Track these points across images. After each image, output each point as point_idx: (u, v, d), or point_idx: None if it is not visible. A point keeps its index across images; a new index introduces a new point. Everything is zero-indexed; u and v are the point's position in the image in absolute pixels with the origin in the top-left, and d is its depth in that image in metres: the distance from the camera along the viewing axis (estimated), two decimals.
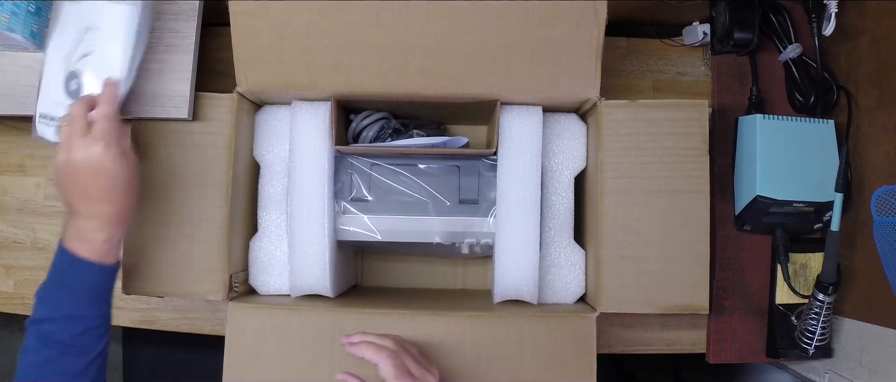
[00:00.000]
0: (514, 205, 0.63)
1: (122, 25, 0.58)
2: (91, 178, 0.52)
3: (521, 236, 0.63)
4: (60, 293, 0.53)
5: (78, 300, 0.53)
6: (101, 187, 0.53)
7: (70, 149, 0.53)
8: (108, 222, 0.53)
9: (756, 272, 0.73)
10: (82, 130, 0.53)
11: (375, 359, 0.54)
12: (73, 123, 0.54)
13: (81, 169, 0.52)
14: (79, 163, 0.52)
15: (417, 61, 0.61)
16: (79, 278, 0.53)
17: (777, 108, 0.73)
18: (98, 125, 0.53)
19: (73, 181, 0.53)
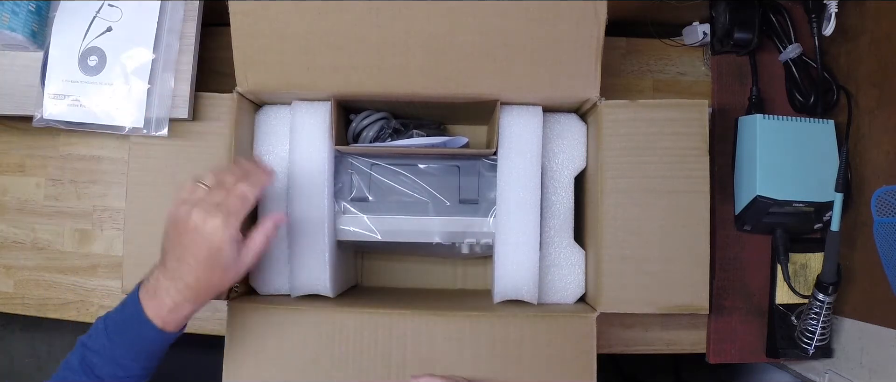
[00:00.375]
0: (514, 205, 0.63)
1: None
2: (194, 244, 0.51)
3: (521, 236, 0.63)
4: (116, 337, 0.52)
5: (128, 351, 0.52)
6: (197, 257, 0.51)
7: (194, 205, 0.51)
8: (187, 294, 0.52)
9: (756, 272, 0.73)
10: (221, 196, 0.52)
11: None
12: (218, 186, 0.53)
13: (190, 230, 0.51)
14: (192, 223, 0.51)
15: (417, 61, 0.61)
16: (138, 334, 0.52)
17: (777, 108, 0.73)
18: (231, 200, 0.52)
19: (177, 236, 0.52)
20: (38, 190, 0.77)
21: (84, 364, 0.52)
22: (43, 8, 0.63)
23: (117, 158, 0.76)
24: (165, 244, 0.53)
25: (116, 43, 0.61)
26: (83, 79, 0.61)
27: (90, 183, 0.76)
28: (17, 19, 0.60)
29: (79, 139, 0.76)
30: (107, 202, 0.76)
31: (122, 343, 0.52)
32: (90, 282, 0.76)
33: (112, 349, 0.52)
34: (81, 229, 0.76)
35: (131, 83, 0.61)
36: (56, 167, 0.76)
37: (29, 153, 0.77)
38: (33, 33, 0.62)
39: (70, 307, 0.76)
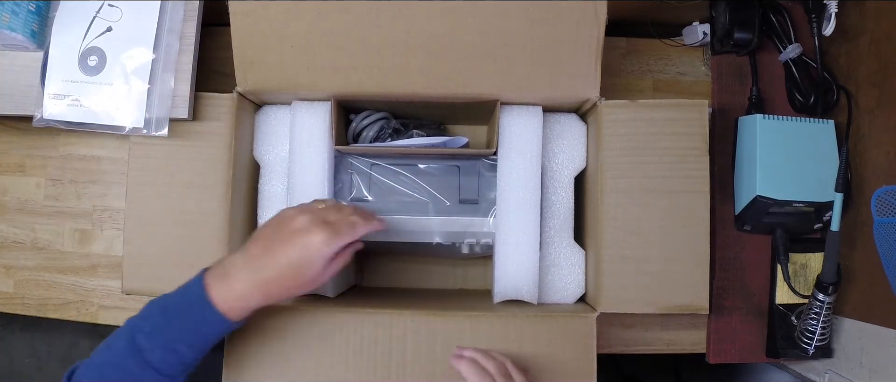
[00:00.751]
0: (514, 205, 0.63)
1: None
2: (290, 244, 0.51)
3: (521, 236, 0.63)
4: (174, 319, 0.51)
5: (185, 334, 0.51)
6: (288, 257, 0.51)
7: (305, 211, 0.53)
8: (261, 289, 0.51)
9: (756, 272, 0.73)
10: (334, 216, 0.53)
11: (470, 379, 0.54)
12: (335, 208, 0.55)
13: (293, 230, 0.52)
14: (298, 228, 0.52)
15: (417, 61, 0.61)
16: (199, 317, 0.51)
17: (777, 108, 0.73)
18: (342, 223, 0.53)
19: (277, 231, 0.52)
20: (38, 190, 0.77)
21: (132, 347, 0.50)
22: (43, 8, 0.63)
23: (117, 158, 0.76)
24: (258, 234, 0.54)
25: (116, 43, 0.61)
26: (83, 79, 0.61)
27: (90, 183, 0.76)
28: (17, 19, 0.60)
29: (79, 139, 0.76)
30: (107, 202, 0.76)
31: (180, 326, 0.51)
32: (90, 282, 0.76)
33: (167, 331, 0.51)
34: (81, 229, 0.76)
35: (131, 83, 0.61)
36: (56, 167, 0.76)
37: (29, 153, 0.77)
38: (33, 33, 0.62)
39: (70, 307, 0.76)
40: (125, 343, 0.51)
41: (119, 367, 0.51)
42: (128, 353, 0.51)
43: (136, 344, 0.50)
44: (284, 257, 0.51)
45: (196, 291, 0.52)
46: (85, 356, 0.53)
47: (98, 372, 0.51)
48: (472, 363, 0.55)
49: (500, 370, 0.55)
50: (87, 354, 0.53)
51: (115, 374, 0.50)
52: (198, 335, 0.52)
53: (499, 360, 0.56)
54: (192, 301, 0.52)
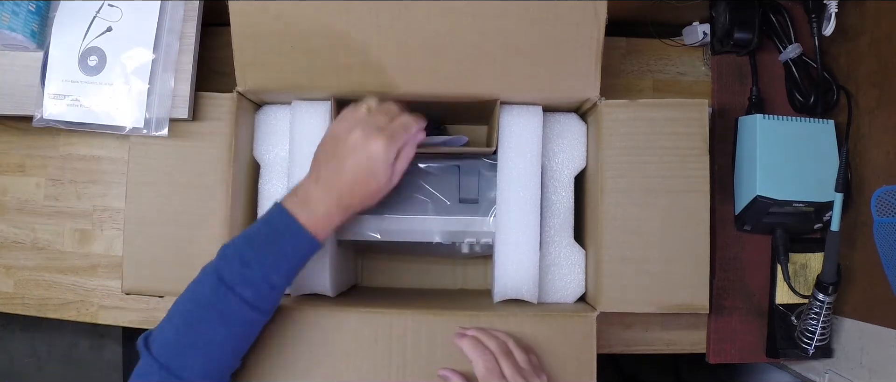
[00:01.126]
0: (514, 205, 0.63)
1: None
2: (354, 161, 0.53)
3: (521, 236, 0.63)
4: (267, 250, 0.52)
5: (282, 264, 0.52)
6: (355, 172, 0.53)
7: (356, 124, 0.54)
8: (338, 203, 0.54)
9: (756, 272, 0.73)
10: (384, 121, 0.55)
11: (472, 356, 0.55)
12: (381, 112, 0.56)
13: (353, 148, 0.53)
14: (355, 142, 0.53)
15: (417, 61, 0.61)
16: (292, 244, 0.53)
17: (777, 108, 0.73)
18: (394, 126, 0.55)
19: (337, 152, 0.54)
20: (38, 190, 0.77)
21: (221, 287, 0.51)
22: (43, 8, 0.63)
23: (117, 158, 0.76)
24: (319, 157, 0.55)
25: (116, 43, 0.61)
26: (83, 79, 0.61)
27: (90, 183, 0.76)
28: (17, 19, 0.60)
29: (79, 139, 0.76)
30: (107, 202, 0.76)
31: (274, 255, 0.52)
32: (90, 282, 0.76)
33: (260, 263, 0.51)
34: (81, 229, 0.76)
35: (131, 83, 0.61)
36: (56, 167, 0.76)
37: (29, 153, 0.77)
38: (33, 33, 0.62)
39: (70, 307, 0.76)
40: (211, 288, 0.51)
41: (208, 312, 0.51)
42: (219, 294, 0.51)
43: (226, 283, 0.51)
44: (351, 172, 0.53)
45: (282, 220, 0.53)
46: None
47: (184, 322, 0.51)
48: (473, 341, 0.57)
49: (501, 348, 0.56)
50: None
51: (205, 321, 0.50)
52: (291, 261, 0.53)
53: (500, 338, 0.57)
54: (282, 230, 0.53)
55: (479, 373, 0.55)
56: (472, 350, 0.56)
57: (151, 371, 0.50)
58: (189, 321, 0.51)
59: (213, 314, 0.51)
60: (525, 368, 0.55)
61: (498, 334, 0.58)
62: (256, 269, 0.51)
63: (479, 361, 0.55)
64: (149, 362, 0.50)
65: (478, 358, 0.55)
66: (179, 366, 0.50)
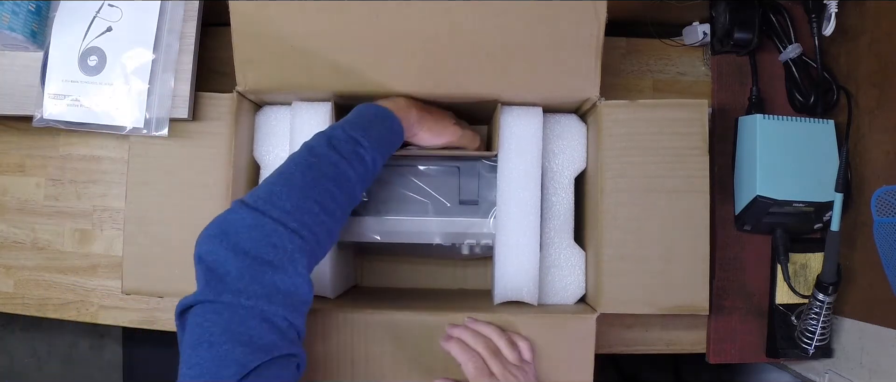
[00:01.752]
0: (514, 206, 0.63)
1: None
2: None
3: (521, 237, 0.63)
4: (372, 133, 0.55)
5: (382, 147, 0.55)
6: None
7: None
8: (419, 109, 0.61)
9: (756, 272, 0.73)
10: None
11: (460, 359, 0.56)
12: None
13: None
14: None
15: (417, 61, 0.61)
16: (391, 128, 0.57)
17: (777, 108, 0.73)
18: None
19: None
20: (38, 190, 0.77)
21: (334, 154, 0.51)
22: (43, 8, 0.63)
23: (117, 158, 0.76)
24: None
25: (116, 43, 0.61)
26: (83, 79, 0.61)
27: (90, 183, 0.76)
28: (17, 19, 0.60)
29: (79, 139, 0.76)
30: (107, 202, 0.76)
31: (377, 135, 0.55)
32: (90, 282, 0.76)
33: (370, 142, 0.53)
34: (81, 229, 0.76)
35: (131, 83, 0.61)
36: (56, 167, 0.76)
37: (29, 153, 0.77)
38: (33, 33, 0.62)
39: (70, 307, 0.76)
40: (323, 154, 0.51)
41: (322, 173, 0.50)
42: (330, 161, 0.50)
43: (342, 153, 0.51)
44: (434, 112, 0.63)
45: (374, 109, 0.57)
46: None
47: (295, 182, 0.49)
48: (460, 344, 0.57)
49: (488, 347, 0.57)
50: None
51: (319, 182, 0.49)
52: (389, 146, 0.57)
53: (486, 335, 0.58)
54: (378, 115, 0.57)
55: (469, 374, 0.55)
56: (460, 354, 0.56)
57: (260, 223, 0.45)
58: (303, 182, 0.49)
59: (328, 177, 0.50)
60: (513, 363, 0.57)
61: (484, 330, 0.59)
62: (368, 149, 0.53)
63: (469, 363, 0.55)
64: (252, 214, 0.46)
65: (467, 361, 0.56)
66: (298, 223, 0.46)
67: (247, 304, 0.43)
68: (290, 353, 0.45)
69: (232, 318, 0.43)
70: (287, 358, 0.45)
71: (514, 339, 0.60)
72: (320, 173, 0.50)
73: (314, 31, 0.60)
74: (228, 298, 0.43)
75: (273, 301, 0.44)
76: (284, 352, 0.44)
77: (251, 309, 0.43)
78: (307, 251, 0.47)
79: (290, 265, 0.45)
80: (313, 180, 0.49)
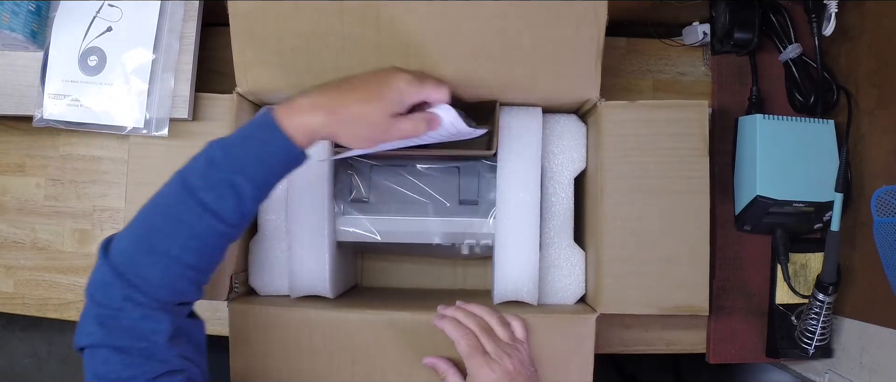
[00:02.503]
0: (513, 206, 0.63)
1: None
2: (371, 75, 0.51)
3: (520, 237, 0.63)
4: (235, 150, 0.47)
5: (248, 164, 0.46)
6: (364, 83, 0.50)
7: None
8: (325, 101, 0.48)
9: (756, 272, 0.73)
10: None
11: (453, 336, 0.57)
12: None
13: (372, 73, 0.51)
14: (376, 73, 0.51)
15: (417, 61, 0.61)
16: (263, 141, 0.47)
17: (777, 108, 0.73)
18: (425, 78, 0.52)
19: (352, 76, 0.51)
20: (38, 190, 0.76)
21: (185, 189, 0.46)
22: (43, 8, 0.63)
23: (117, 158, 0.76)
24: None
25: (116, 43, 0.61)
26: (83, 79, 0.61)
27: (90, 183, 0.76)
28: (17, 19, 0.60)
29: (79, 139, 0.76)
30: (107, 202, 0.76)
31: (240, 154, 0.46)
32: None
33: (226, 163, 0.46)
34: (81, 229, 0.76)
35: (131, 83, 0.61)
36: (56, 167, 0.76)
37: (29, 153, 0.77)
38: (33, 33, 0.62)
39: (70, 307, 0.76)
40: (177, 187, 0.46)
41: (167, 217, 0.46)
42: (179, 198, 0.46)
43: (189, 185, 0.46)
44: (361, 81, 0.50)
45: (260, 117, 0.48)
46: None
47: (144, 228, 0.46)
48: (453, 322, 0.58)
49: (480, 325, 0.58)
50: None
51: (164, 229, 0.46)
52: (260, 162, 0.46)
53: (479, 315, 0.59)
54: (255, 126, 0.47)
55: (462, 352, 0.56)
56: (453, 331, 0.57)
57: (107, 280, 0.46)
58: (149, 226, 0.46)
59: (172, 221, 0.46)
60: (506, 342, 0.57)
61: (476, 310, 0.60)
62: (222, 170, 0.46)
63: (461, 341, 0.56)
64: (104, 268, 0.46)
65: (460, 338, 0.56)
66: (136, 275, 0.45)
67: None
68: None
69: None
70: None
71: (507, 319, 0.60)
72: (164, 221, 0.46)
73: (314, 31, 0.60)
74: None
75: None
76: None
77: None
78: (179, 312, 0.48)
79: (163, 343, 0.45)
80: (158, 229, 0.46)
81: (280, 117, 0.47)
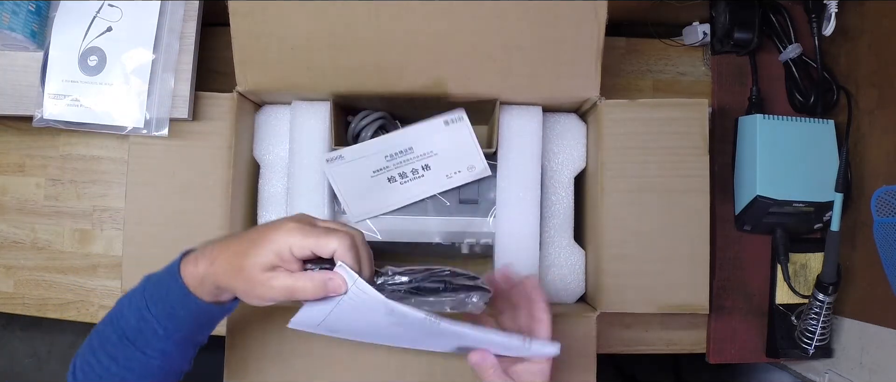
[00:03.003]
0: (513, 205, 0.63)
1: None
2: (260, 226, 0.48)
3: (520, 237, 0.63)
4: (150, 285, 0.49)
5: (155, 302, 0.48)
6: (248, 234, 0.46)
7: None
8: (213, 253, 0.47)
9: (756, 272, 0.73)
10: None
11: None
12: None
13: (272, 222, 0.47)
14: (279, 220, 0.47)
15: (417, 61, 0.61)
16: (167, 286, 0.49)
17: (777, 108, 0.73)
18: (320, 228, 0.45)
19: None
20: (38, 190, 0.76)
21: (114, 316, 0.50)
22: (43, 8, 0.63)
23: (117, 158, 0.76)
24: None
25: (116, 43, 0.61)
26: (83, 79, 0.61)
27: (90, 183, 0.76)
28: (17, 19, 0.60)
29: (79, 139, 0.76)
30: (107, 202, 0.76)
31: (152, 291, 0.49)
32: (90, 282, 0.76)
33: (141, 296, 0.49)
34: (81, 229, 0.76)
35: (131, 83, 0.61)
36: (56, 167, 0.76)
37: (29, 153, 0.77)
38: (33, 33, 0.62)
39: (70, 307, 0.76)
40: (110, 315, 0.50)
41: (104, 340, 0.49)
42: (109, 325, 0.49)
43: (114, 313, 0.50)
44: (246, 232, 0.47)
45: (174, 261, 0.49)
46: None
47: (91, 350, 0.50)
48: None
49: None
50: None
51: (102, 348, 0.49)
52: (163, 304, 0.48)
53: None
54: (167, 270, 0.49)
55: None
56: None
57: None
58: (92, 348, 0.50)
59: (108, 346, 0.49)
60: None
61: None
62: (138, 300, 0.49)
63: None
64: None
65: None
66: None
67: None
68: None
69: None
70: None
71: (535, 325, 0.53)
72: (119, 362, 0.49)
73: (314, 31, 0.60)
74: None
75: None
76: None
77: None
78: None
79: None
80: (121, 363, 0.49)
81: (183, 264, 0.48)
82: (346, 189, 0.63)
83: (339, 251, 0.44)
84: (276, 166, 0.67)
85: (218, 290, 0.47)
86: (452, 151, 0.62)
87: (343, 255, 0.44)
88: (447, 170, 0.63)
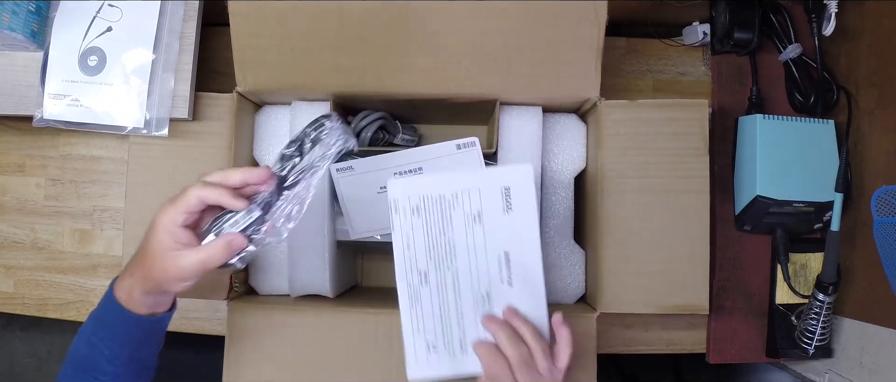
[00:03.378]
0: None
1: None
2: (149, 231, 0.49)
3: None
4: (94, 311, 0.53)
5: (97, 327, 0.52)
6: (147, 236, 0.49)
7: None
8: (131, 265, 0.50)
9: (756, 272, 0.73)
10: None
11: (484, 361, 0.51)
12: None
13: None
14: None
15: (417, 61, 0.61)
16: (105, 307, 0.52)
17: (777, 108, 0.73)
18: (189, 191, 0.48)
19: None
20: (38, 190, 0.77)
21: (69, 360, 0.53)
22: (43, 8, 0.63)
23: (117, 158, 0.76)
24: None
25: (116, 43, 0.61)
26: (83, 79, 0.61)
27: (90, 183, 0.76)
28: (17, 19, 0.60)
29: (79, 139, 0.76)
30: (107, 202, 0.76)
31: (95, 315, 0.52)
32: (90, 282, 0.76)
33: (89, 323, 0.53)
34: (81, 229, 0.76)
35: (131, 83, 0.61)
36: (56, 167, 0.76)
37: (29, 153, 0.77)
38: (33, 33, 0.62)
39: (70, 307, 0.76)
40: (68, 354, 0.53)
41: (65, 377, 0.53)
42: (68, 363, 0.53)
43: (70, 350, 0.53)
44: (144, 236, 0.49)
45: (108, 287, 0.52)
46: None
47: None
48: (490, 348, 0.51)
49: (521, 357, 0.50)
50: None
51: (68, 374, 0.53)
52: (105, 327, 0.51)
53: (526, 343, 0.51)
54: (104, 297, 0.52)
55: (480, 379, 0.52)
56: (485, 357, 0.51)
57: None
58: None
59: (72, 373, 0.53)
60: (543, 375, 0.50)
61: (522, 329, 0.52)
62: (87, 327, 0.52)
63: (492, 367, 0.50)
64: None
65: (491, 365, 0.51)
66: None
67: None
68: None
69: None
70: None
71: (556, 350, 0.53)
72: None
73: (314, 31, 0.60)
74: None
75: None
76: None
77: None
78: None
79: None
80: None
81: (115, 286, 0.51)
82: (352, 202, 0.63)
83: (204, 195, 0.48)
84: None
85: (146, 297, 0.50)
86: None
87: (209, 196, 0.48)
88: None
